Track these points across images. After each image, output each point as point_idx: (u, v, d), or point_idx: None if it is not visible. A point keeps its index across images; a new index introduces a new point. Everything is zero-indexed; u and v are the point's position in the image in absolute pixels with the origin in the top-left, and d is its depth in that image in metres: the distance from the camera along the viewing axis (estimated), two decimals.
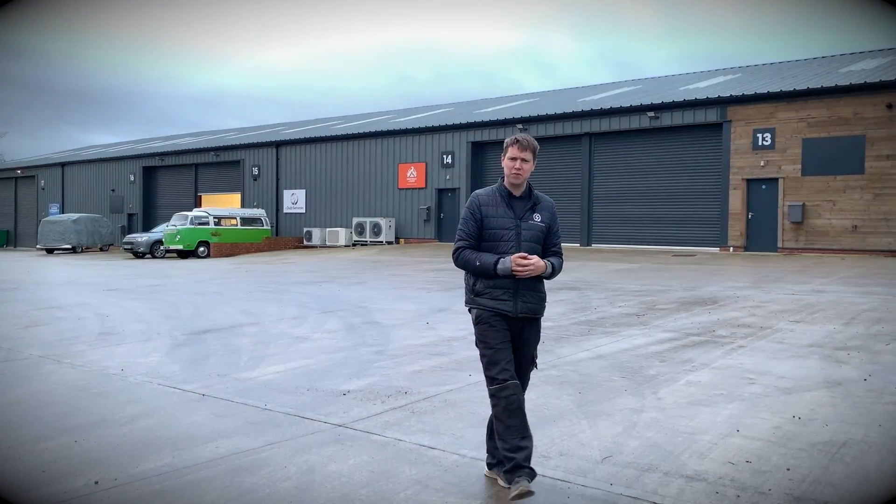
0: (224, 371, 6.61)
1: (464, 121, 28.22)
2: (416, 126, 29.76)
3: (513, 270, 3.59)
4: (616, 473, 3.91)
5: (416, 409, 5.25)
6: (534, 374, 6.26)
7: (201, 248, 28.81)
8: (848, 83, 19.76)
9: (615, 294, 11.82)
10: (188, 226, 28.61)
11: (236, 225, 30.10)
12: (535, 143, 3.80)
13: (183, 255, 28.77)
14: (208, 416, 5.17)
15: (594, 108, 24.68)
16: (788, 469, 3.97)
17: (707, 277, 14.55)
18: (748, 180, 21.32)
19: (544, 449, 4.34)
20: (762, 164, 20.96)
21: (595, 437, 4.54)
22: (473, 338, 3.85)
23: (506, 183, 3.79)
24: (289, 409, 5.25)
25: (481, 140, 27.68)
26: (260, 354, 7.38)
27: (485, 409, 5.19)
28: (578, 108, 25.15)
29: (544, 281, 3.80)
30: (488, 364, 3.66)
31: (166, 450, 4.40)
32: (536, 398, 5.51)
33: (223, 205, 36.16)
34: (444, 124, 28.63)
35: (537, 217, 3.79)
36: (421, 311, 10.46)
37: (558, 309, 10.39)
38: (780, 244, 20.67)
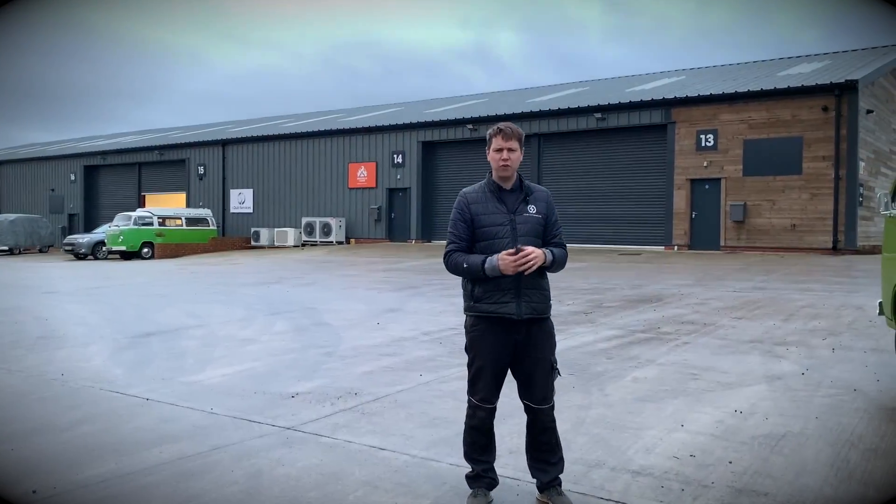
0: (169, 375, 6.47)
1: (414, 120, 28.20)
2: (367, 125, 29.62)
3: (501, 269, 3.29)
4: (565, 469, 3.96)
5: (366, 410, 5.22)
6: None
7: (145, 250, 28.15)
8: (786, 86, 20.38)
9: (563, 292, 11.96)
10: (132, 226, 27.93)
11: (181, 225, 29.50)
12: (520, 130, 3.55)
13: (126, 256, 28.07)
14: (153, 420, 5.05)
15: (543, 109, 24.94)
16: (731, 462, 4.08)
17: (653, 276, 14.84)
18: (692, 180, 21.81)
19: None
20: (705, 164, 21.47)
21: None
22: (424, 337, 3.83)
23: (494, 177, 3.53)
24: (236, 413, 5.17)
25: (432, 140, 27.70)
26: (206, 357, 7.25)
27: (435, 409, 5.21)
28: (528, 109, 25.38)
29: (547, 276, 3.54)
30: (474, 377, 3.50)
31: (109, 456, 4.28)
32: None
33: (168, 205, 35.38)
34: (394, 123, 28.56)
35: (532, 209, 3.50)
36: (372, 311, 10.41)
37: None
38: (722, 243, 21.20)
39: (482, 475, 3.55)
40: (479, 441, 3.55)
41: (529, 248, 3.29)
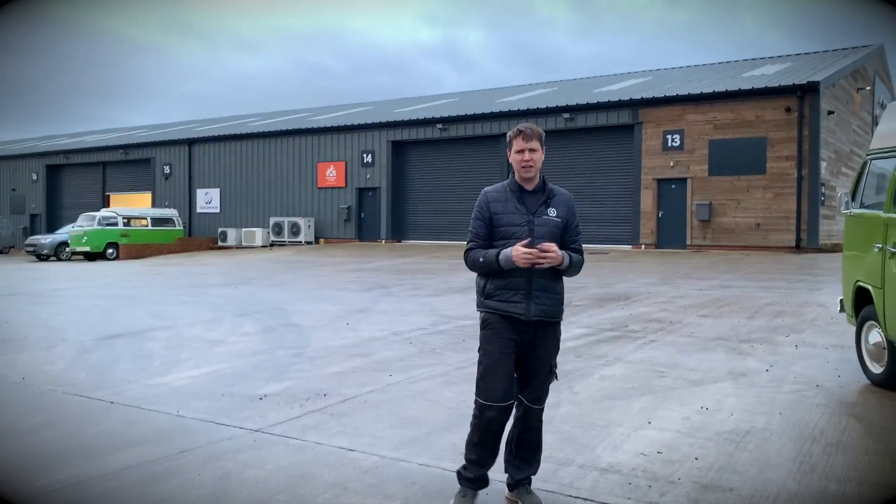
0: (134, 377, 6.37)
1: (384, 119, 28.12)
2: (336, 124, 29.47)
3: (513, 259, 3.26)
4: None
5: (335, 411, 5.20)
6: (455, 372, 6.34)
7: (110, 250, 27.69)
8: (751, 87, 20.72)
9: None
10: (96, 227, 27.45)
11: (147, 225, 29.08)
12: (541, 130, 3.52)
13: (90, 257, 27.59)
14: (118, 424, 4.97)
15: (512, 109, 25.04)
16: (697, 458, 4.13)
17: (620, 274, 14.99)
18: (658, 180, 22.06)
19: (463, 446, 4.37)
20: (671, 164, 21.74)
21: None
22: (395, 338, 3.82)
23: (517, 178, 3.50)
24: (203, 416, 5.11)
25: (402, 139, 27.65)
26: (172, 359, 7.16)
27: (405, 410, 5.20)
28: (497, 109, 25.46)
29: (563, 280, 3.53)
30: (482, 375, 3.43)
31: (74, 461, 4.21)
32: (456, 396, 5.56)
33: (133, 205, 34.81)
34: (363, 123, 28.46)
35: (552, 212, 3.46)
36: (341, 312, 10.37)
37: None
38: (688, 241, 21.48)
39: (478, 478, 3.49)
40: (485, 443, 3.44)
41: (549, 245, 3.27)
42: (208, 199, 33.06)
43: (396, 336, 8.15)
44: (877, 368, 5.72)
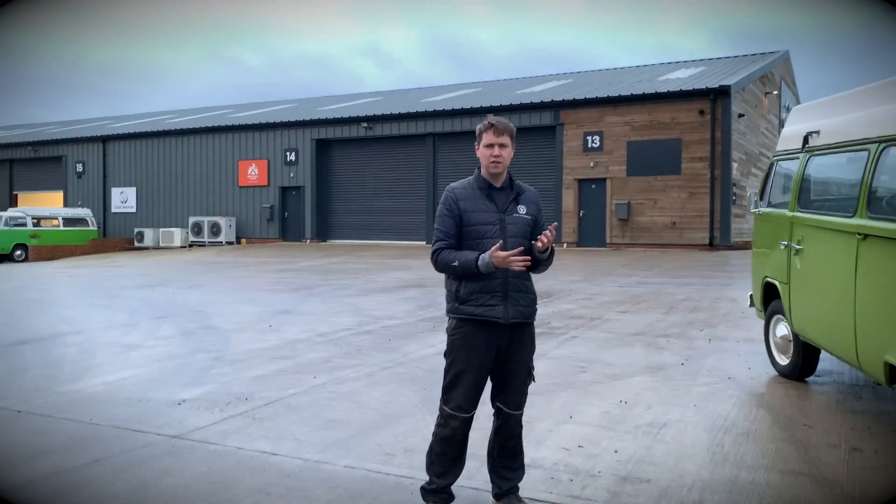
0: (43, 385, 6.09)
1: (308, 117, 27.75)
2: (258, 122, 28.90)
3: (494, 264, 3.12)
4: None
5: (257, 415, 5.10)
6: (381, 372, 6.32)
7: (18, 252, 26.36)
8: (666, 90, 21.42)
9: None
10: (2, 227, 26.07)
11: (58, 226, 27.82)
12: (512, 126, 3.39)
13: None
14: (26, 434, 4.74)
15: (437, 109, 25.12)
16: (616, 451, 4.24)
17: (544, 272, 15.22)
18: (579, 180, 22.55)
19: (389, 447, 4.36)
20: (592, 164, 22.25)
21: None
22: (319, 339, 3.75)
23: (483, 173, 3.37)
24: (118, 423, 4.93)
25: (326, 137, 27.35)
26: (85, 365, 6.87)
27: (330, 412, 5.15)
28: (423, 109, 25.50)
29: (532, 279, 3.45)
30: (449, 384, 3.30)
31: None
32: (382, 396, 5.54)
33: (43, 204, 33.26)
34: (286, 120, 28.01)
35: (522, 209, 3.36)
36: (264, 313, 10.18)
37: (406, 307, 10.48)
38: (608, 240, 22.04)
39: (441, 490, 3.40)
40: (449, 453, 3.35)
41: (525, 256, 3.14)
42: (124, 199, 31.91)
43: (321, 337, 8.06)
44: (783, 360, 6.00)
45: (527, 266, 3.18)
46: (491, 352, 3.30)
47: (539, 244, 3.23)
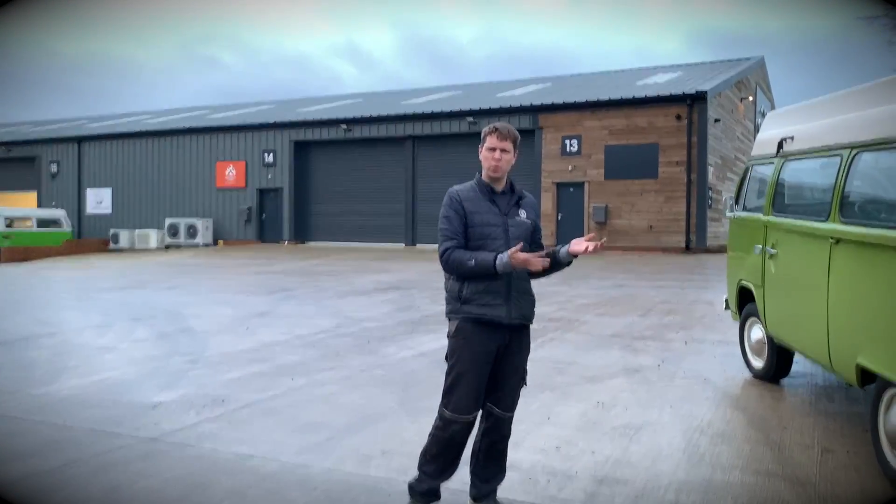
0: (15, 387, 6.00)
1: (286, 119, 27.61)
2: (236, 123, 28.71)
3: (513, 263, 3.12)
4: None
5: (233, 418, 5.06)
6: (359, 375, 6.30)
7: None
8: (644, 95, 21.60)
9: (438, 293, 12.10)
10: None
11: (32, 227, 27.41)
12: (516, 132, 3.46)
13: None
14: None
15: (417, 111, 25.12)
16: (593, 452, 4.27)
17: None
18: (557, 184, 22.67)
19: (367, 449, 4.36)
20: (570, 168, 22.38)
21: (417, 434, 4.61)
22: (297, 341, 3.73)
23: (484, 177, 3.43)
24: (92, 425, 4.87)
25: (305, 139, 27.23)
26: (58, 367, 6.78)
27: (307, 415, 5.13)
28: (402, 111, 25.48)
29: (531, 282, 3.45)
30: (451, 385, 3.28)
31: None
32: (359, 399, 5.53)
33: (16, 205, 32.75)
34: (265, 122, 27.85)
35: (523, 213, 3.42)
36: (240, 315, 10.11)
37: (383, 309, 10.47)
38: None
39: (431, 490, 3.41)
40: (446, 455, 3.35)
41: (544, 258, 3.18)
42: (99, 200, 31.52)
43: (299, 340, 8.02)
44: (758, 362, 6.08)
45: (545, 267, 3.19)
46: (492, 353, 3.30)
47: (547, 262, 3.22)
